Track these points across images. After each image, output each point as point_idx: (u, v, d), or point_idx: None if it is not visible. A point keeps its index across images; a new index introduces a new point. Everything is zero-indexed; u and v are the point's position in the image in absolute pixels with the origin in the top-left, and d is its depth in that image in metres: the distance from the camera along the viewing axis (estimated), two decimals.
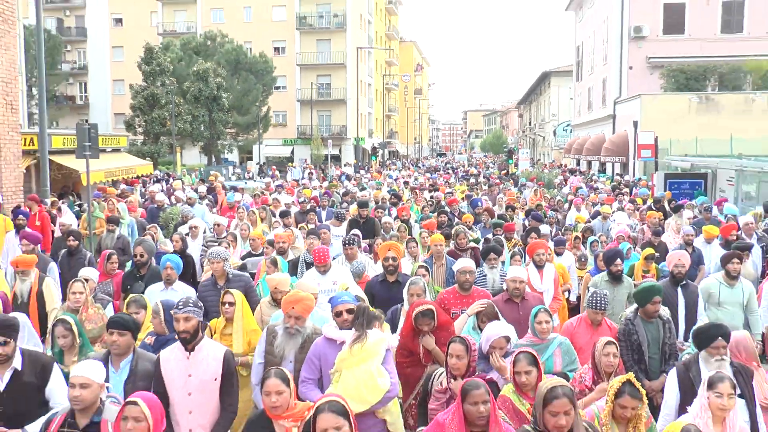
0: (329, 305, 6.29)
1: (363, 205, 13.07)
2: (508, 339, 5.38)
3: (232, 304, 6.21)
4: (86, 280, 7.11)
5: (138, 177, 23.55)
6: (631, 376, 4.39)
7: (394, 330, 6.44)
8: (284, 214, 12.98)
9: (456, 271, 7.36)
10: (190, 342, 4.85)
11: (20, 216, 11.07)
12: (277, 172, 36.87)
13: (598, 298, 6.51)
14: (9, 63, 15.63)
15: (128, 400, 3.81)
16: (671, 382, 5.37)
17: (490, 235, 11.35)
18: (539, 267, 8.64)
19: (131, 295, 6.73)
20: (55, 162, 19.16)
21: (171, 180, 26.28)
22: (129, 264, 9.97)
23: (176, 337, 5.14)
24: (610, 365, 5.19)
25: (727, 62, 31.94)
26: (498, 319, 6.16)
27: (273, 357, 5.46)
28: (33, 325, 6.73)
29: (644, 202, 16.61)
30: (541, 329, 5.87)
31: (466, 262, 7.39)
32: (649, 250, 9.66)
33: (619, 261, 8.03)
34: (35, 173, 19.15)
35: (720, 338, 5.18)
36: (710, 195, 19.50)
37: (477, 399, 3.96)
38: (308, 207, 14.78)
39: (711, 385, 4.34)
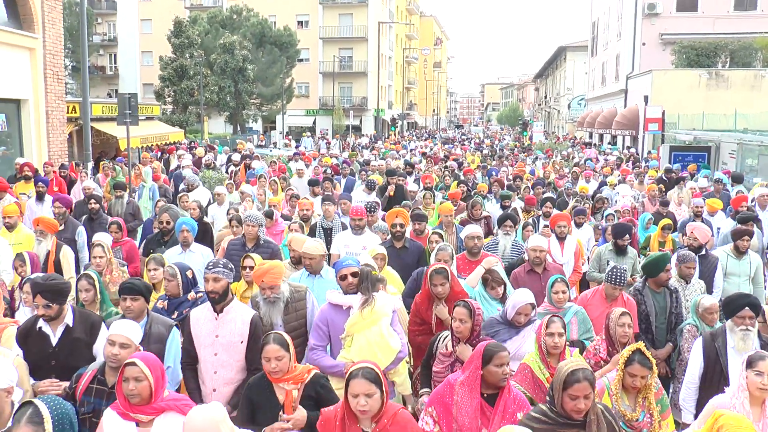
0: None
1: (391, 173, 13.27)
2: (533, 306, 5.37)
3: (252, 268, 6.26)
4: (105, 246, 7.13)
5: (174, 144, 24.79)
6: (641, 345, 4.31)
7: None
8: (313, 183, 12.98)
9: (465, 237, 7.44)
10: (218, 302, 4.94)
11: (40, 183, 11.09)
12: (291, 141, 38.16)
13: (618, 273, 6.26)
14: (55, 37, 17.17)
15: (127, 361, 3.76)
16: (696, 351, 5.30)
17: (498, 206, 11.61)
18: (561, 239, 8.60)
19: (151, 255, 6.88)
20: (95, 128, 20.67)
21: (195, 148, 27.35)
22: (140, 229, 10.55)
23: (188, 298, 5.49)
24: (625, 335, 5.05)
25: (738, 39, 32.53)
26: (503, 283, 6.31)
27: (262, 325, 5.47)
28: None
29: (657, 172, 16.92)
30: (557, 298, 5.88)
31: (473, 228, 7.49)
32: (667, 221, 9.56)
33: (627, 237, 8.08)
34: (76, 139, 20.74)
35: (747, 308, 5.10)
36: (713, 167, 20.42)
37: (503, 360, 3.97)
38: (326, 176, 14.59)
39: (751, 363, 4.12)
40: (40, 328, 4.90)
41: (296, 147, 32.61)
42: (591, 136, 43.64)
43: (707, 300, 5.97)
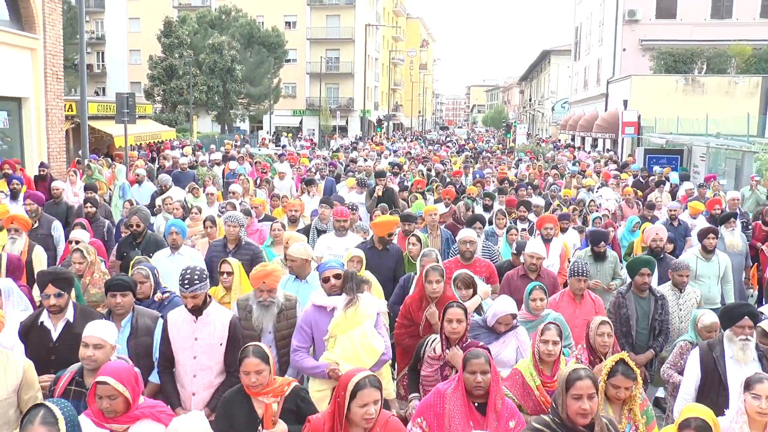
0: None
1: (380, 174, 12.83)
2: (514, 316, 5.33)
3: (230, 273, 6.12)
4: (77, 242, 7.02)
5: (166, 141, 25.31)
6: (624, 355, 4.22)
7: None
8: (309, 183, 12.96)
9: (458, 241, 7.42)
10: (199, 311, 4.88)
11: (15, 180, 10.86)
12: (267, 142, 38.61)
13: (579, 265, 6.47)
14: (55, 37, 17.71)
15: (97, 379, 3.61)
16: (693, 362, 5.14)
17: (481, 207, 11.78)
18: (546, 241, 8.63)
19: (136, 257, 6.71)
20: (90, 126, 21.26)
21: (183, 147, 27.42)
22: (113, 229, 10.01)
23: (156, 300, 5.54)
24: (605, 345, 5.03)
25: (714, 46, 33.55)
26: (473, 285, 6.19)
27: (251, 331, 5.39)
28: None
29: (634, 176, 17.34)
30: (535, 306, 5.79)
31: (468, 232, 7.44)
32: (648, 224, 9.53)
33: (603, 244, 8.07)
34: (72, 136, 21.31)
35: (746, 317, 4.99)
36: (689, 169, 21.20)
37: (475, 368, 3.89)
38: (308, 178, 14.20)
39: (748, 386, 3.92)
40: (41, 322, 4.93)
41: (282, 147, 32.63)
42: (573, 139, 44.62)
43: (708, 318, 5.77)
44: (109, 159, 17.53)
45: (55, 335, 4.91)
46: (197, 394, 4.82)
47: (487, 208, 11.54)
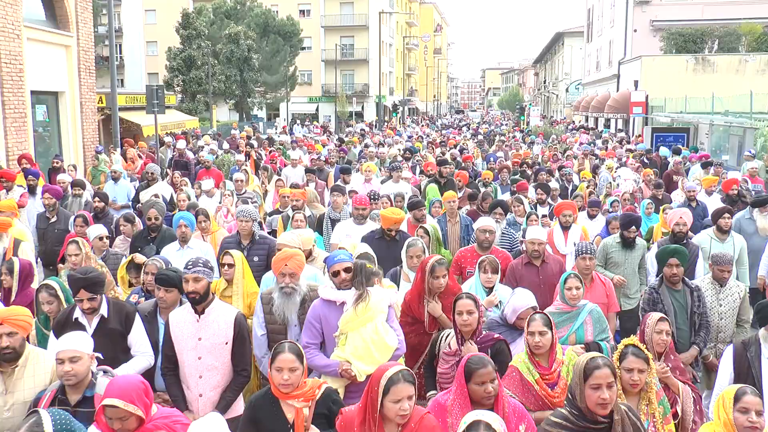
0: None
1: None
2: (535, 308, 5.06)
3: (231, 265, 5.91)
4: (80, 242, 6.70)
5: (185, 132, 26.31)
6: (633, 339, 4.11)
7: None
8: (309, 171, 12.94)
9: (476, 229, 7.20)
10: (199, 303, 4.67)
11: (30, 176, 10.88)
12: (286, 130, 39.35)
13: (585, 245, 6.33)
14: (87, 35, 18.79)
15: (104, 403, 3.41)
16: (726, 361, 4.88)
17: (508, 193, 11.38)
18: (565, 228, 8.28)
19: (151, 260, 6.25)
20: (120, 116, 22.31)
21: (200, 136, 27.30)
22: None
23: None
24: (663, 343, 4.62)
25: (724, 25, 33.87)
26: (498, 271, 6.04)
27: (275, 324, 5.22)
28: None
29: (640, 156, 17.10)
30: (570, 296, 5.37)
31: (487, 221, 7.25)
32: (668, 205, 9.34)
33: (633, 228, 7.56)
34: (102, 126, 22.38)
35: None
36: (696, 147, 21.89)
37: (484, 378, 3.63)
38: (316, 167, 14.15)
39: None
40: (76, 318, 4.88)
41: (291, 134, 32.19)
42: (587, 120, 45.13)
43: None
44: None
45: (90, 331, 4.84)
46: (204, 395, 4.66)
47: (514, 194, 10.79)
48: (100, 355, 4.16)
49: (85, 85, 18.65)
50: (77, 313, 4.88)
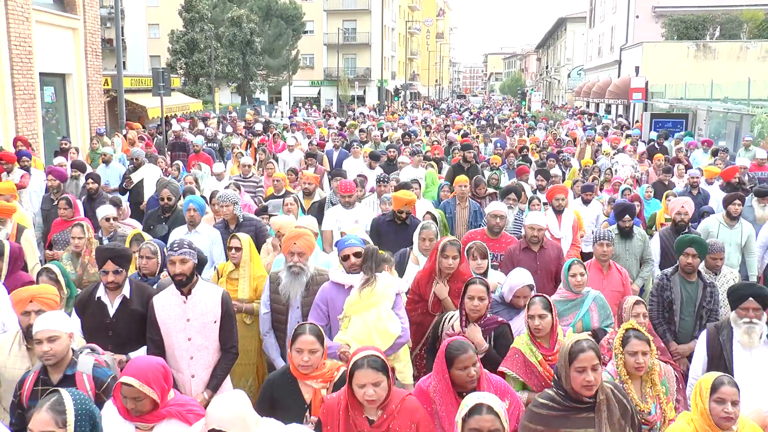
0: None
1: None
2: (531, 287, 5.18)
3: (239, 249, 5.88)
4: (84, 225, 6.68)
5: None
6: (632, 323, 4.17)
7: (400, 274, 6.07)
8: (310, 156, 12.80)
9: (488, 214, 7.17)
10: (185, 285, 4.66)
11: (24, 157, 10.86)
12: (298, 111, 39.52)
13: (603, 232, 6.38)
14: (93, 18, 19.02)
15: (121, 381, 3.41)
16: (701, 344, 4.89)
17: (515, 179, 11.23)
18: (558, 212, 8.25)
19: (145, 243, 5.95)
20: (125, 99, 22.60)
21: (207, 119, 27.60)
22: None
23: (162, 278, 5.19)
24: (640, 325, 4.59)
25: (725, 12, 33.99)
26: (486, 256, 6.06)
27: (279, 304, 5.29)
28: None
29: (632, 142, 16.67)
30: (575, 282, 5.45)
31: (499, 206, 7.20)
32: (671, 192, 9.26)
33: (627, 217, 7.46)
34: (107, 108, 22.65)
35: (751, 298, 4.59)
36: (693, 134, 22.11)
37: (466, 363, 3.66)
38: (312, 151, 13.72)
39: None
40: (98, 297, 4.92)
41: (290, 118, 31.75)
42: (588, 106, 45.33)
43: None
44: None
45: (112, 311, 4.90)
46: (197, 375, 4.68)
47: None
48: (79, 333, 4.13)
49: (92, 67, 18.91)
50: (100, 292, 4.93)
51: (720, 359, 4.69)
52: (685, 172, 11.17)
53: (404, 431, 3.51)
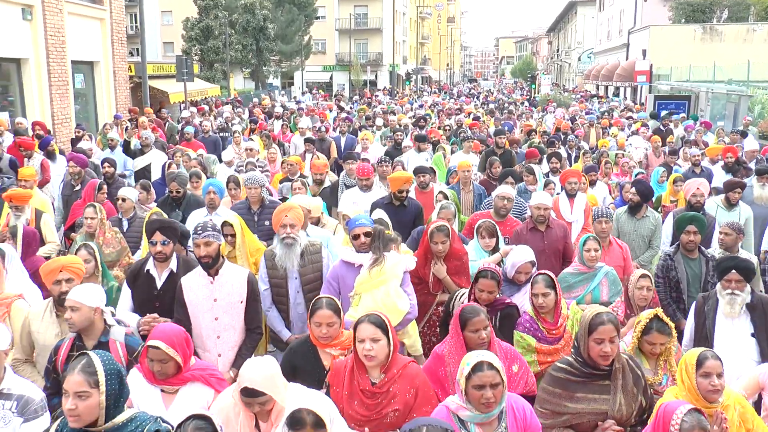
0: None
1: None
2: (533, 263, 5.32)
3: (234, 236, 6.00)
4: (97, 206, 6.68)
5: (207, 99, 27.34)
6: (658, 311, 4.18)
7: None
8: (308, 141, 12.53)
9: (495, 196, 7.23)
10: (212, 266, 4.79)
11: (51, 142, 11.03)
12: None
13: (601, 209, 6.55)
14: (119, 8, 19.97)
15: (148, 344, 3.66)
16: (690, 314, 5.09)
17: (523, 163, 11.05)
18: (570, 196, 8.16)
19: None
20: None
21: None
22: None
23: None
24: (644, 299, 4.91)
25: None
26: (495, 234, 6.22)
27: (277, 278, 5.39)
28: None
29: (643, 124, 16.69)
30: (589, 257, 5.66)
31: (506, 189, 7.29)
32: (678, 175, 9.17)
33: (634, 190, 7.52)
34: (132, 94, 23.63)
35: (734, 271, 4.77)
36: (696, 114, 22.70)
37: (478, 326, 3.91)
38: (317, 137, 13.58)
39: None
40: (147, 270, 5.11)
41: (297, 103, 31.65)
42: (597, 89, 45.85)
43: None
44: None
45: (159, 283, 5.06)
46: (223, 354, 4.82)
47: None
48: (110, 309, 4.31)
49: (118, 54, 19.86)
50: (149, 265, 5.12)
51: (703, 328, 4.89)
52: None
53: (404, 395, 3.71)
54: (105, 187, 7.99)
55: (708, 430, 3.13)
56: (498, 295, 4.95)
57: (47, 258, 6.36)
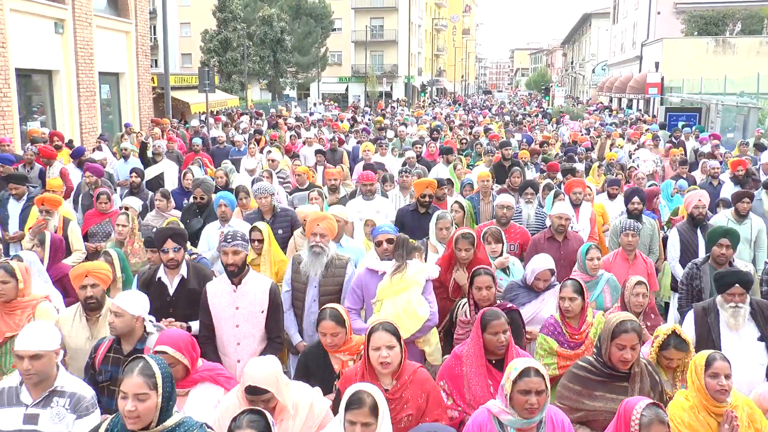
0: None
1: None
2: (553, 272, 5.38)
3: (261, 240, 6.17)
4: (127, 209, 7.08)
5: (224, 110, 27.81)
6: (676, 327, 4.24)
7: None
8: (319, 152, 12.66)
9: (495, 205, 7.41)
10: (237, 275, 4.90)
11: (85, 152, 11.16)
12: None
13: (628, 222, 6.60)
14: (143, 21, 20.68)
15: (156, 349, 3.75)
16: (687, 326, 5.04)
17: (538, 173, 11.44)
18: (576, 205, 8.38)
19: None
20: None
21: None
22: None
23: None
24: (639, 305, 5.09)
25: (746, 8, 34.69)
26: (501, 240, 6.35)
27: (299, 282, 5.54)
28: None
29: (654, 137, 16.82)
30: (591, 266, 5.81)
31: (505, 198, 7.41)
32: (694, 186, 9.26)
33: (636, 199, 7.63)
34: (154, 105, 24.32)
35: (737, 285, 4.84)
36: (705, 127, 22.94)
37: (497, 329, 3.99)
38: (329, 147, 13.90)
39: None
40: (159, 278, 5.25)
41: (311, 114, 31.76)
42: (611, 101, 46.15)
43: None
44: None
45: (171, 290, 5.20)
46: (242, 360, 4.81)
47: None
48: (150, 317, 4.42)
49: (142, 66, 20.57)
50: (160, 273, 5.26)
51: (708, 340, 4.90)
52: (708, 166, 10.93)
53: (416, 400, 3.80)
54: (104, 196, 7.93)
55: (666, 423, 3.25)
56: (504, 299, 5.16)
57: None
